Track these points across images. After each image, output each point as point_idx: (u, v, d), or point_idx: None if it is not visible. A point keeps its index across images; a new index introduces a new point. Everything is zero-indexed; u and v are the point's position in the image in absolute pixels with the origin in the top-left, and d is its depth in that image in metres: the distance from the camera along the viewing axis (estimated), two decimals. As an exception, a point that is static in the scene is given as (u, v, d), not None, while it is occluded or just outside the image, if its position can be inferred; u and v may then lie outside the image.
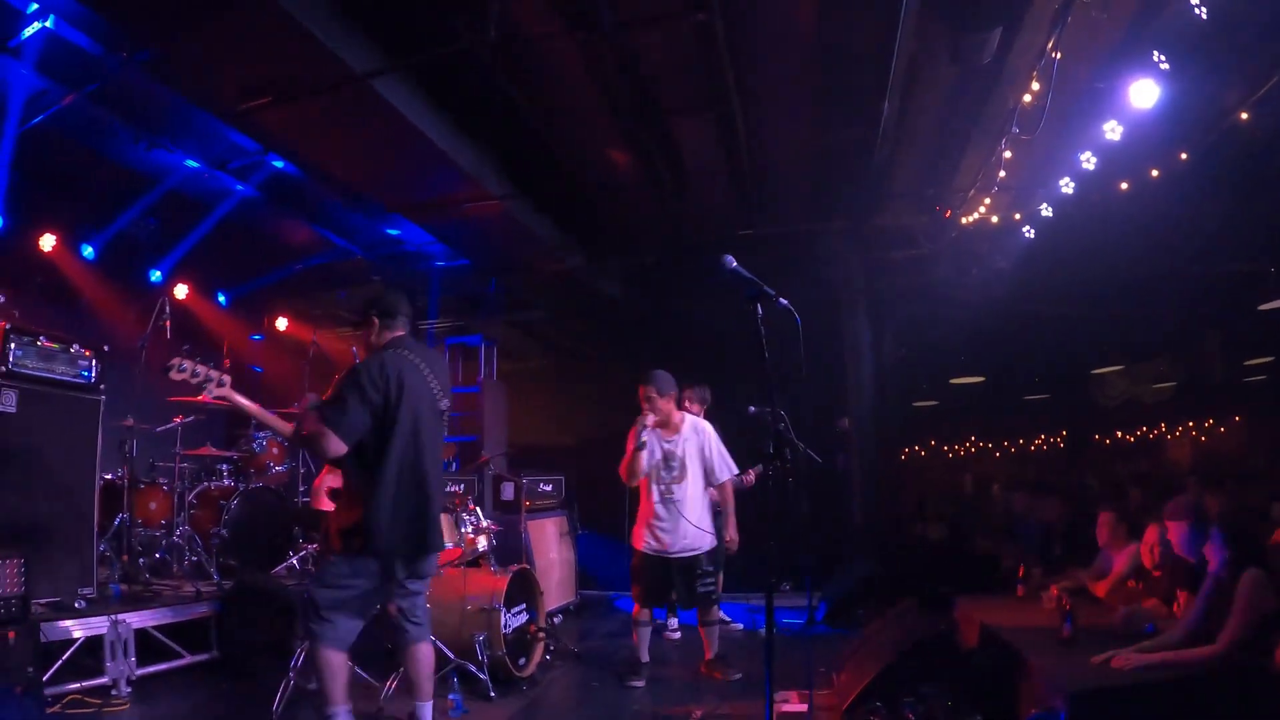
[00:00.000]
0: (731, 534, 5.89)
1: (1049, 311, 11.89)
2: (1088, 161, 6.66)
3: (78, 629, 4.75)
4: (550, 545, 8.28)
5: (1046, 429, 19.01)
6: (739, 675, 5.75)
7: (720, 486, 5.90)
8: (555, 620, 7.75)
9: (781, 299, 3.05)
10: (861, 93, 6.45)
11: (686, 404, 6.51)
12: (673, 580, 5.73)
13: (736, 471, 5.95)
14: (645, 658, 5.88)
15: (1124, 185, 7.67)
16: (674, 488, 5.72)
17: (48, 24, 5.45)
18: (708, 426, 5.92)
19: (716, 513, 6.04)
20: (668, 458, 5.76)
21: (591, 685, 5.80)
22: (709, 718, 4.99)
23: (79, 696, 4.61)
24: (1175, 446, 18.23)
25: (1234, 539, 4.20)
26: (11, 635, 3.67)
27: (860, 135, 7.15)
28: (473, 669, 5.23)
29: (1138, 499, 7.77)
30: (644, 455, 5.65)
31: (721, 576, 6.18)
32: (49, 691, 4.40)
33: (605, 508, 8.44)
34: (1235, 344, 15.33)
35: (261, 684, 4.97)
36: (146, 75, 5.79)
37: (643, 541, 5.78)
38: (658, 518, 5.74)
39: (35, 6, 5.34)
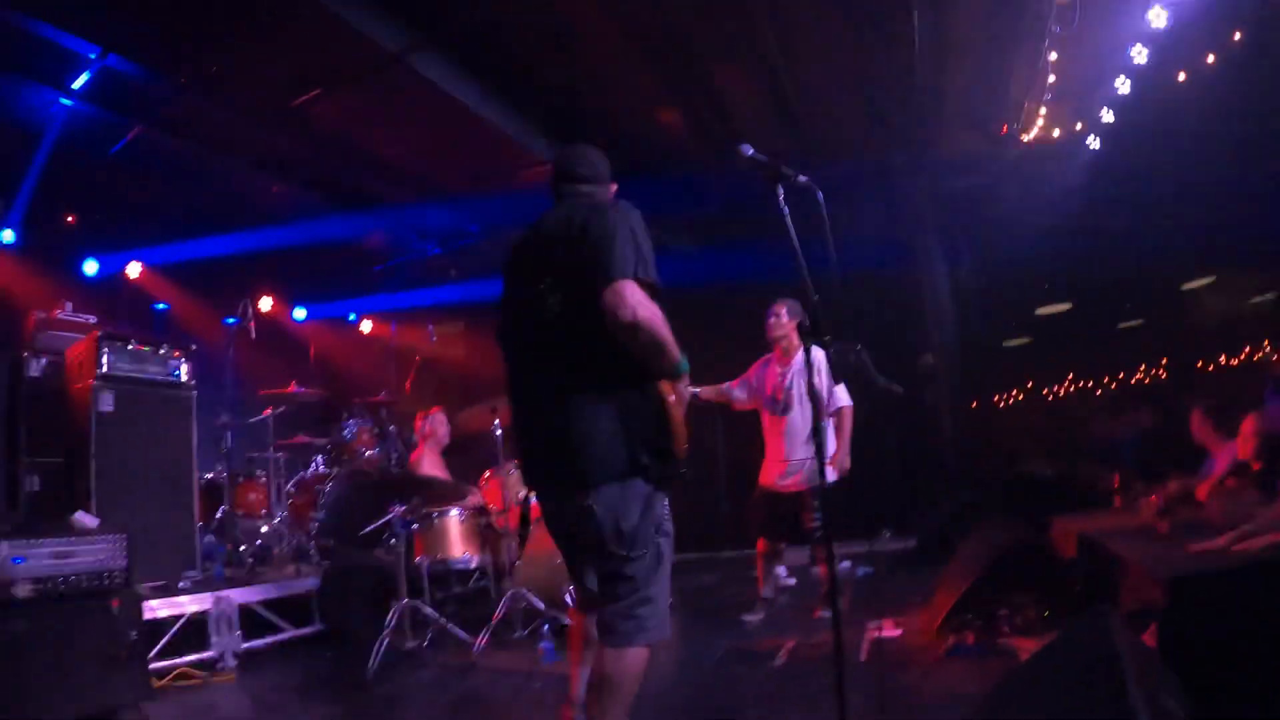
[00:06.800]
0: (840, 460, 5.37)
1: (1127, 225, 11.31)
2: (1139, 55, 6.37)
3: (183, 605, 4.94)
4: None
5: (1147, 358, 17.94)
6: (829, 612, 5.59)
7: (838, 413, 5.48)
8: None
9: (802, 175, 2.92)
10: (891, 8, 6.33)
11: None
12: (782, 515, 5.48)
13: (850, 401, 5.51)
14: (767, 593, 5.70)
15: (1181, 76, 7.27)
16: (781, 420, 5.51)
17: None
18: (821, 356, 5.61)
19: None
20: (777, 389, 5.55)
21: (682, 628, 5.73)
22: (801, 648, 4.95)
23: (186, 670, 4.78)
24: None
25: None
26: (115, 603, 3.84)
27: (899, 55, 6.98)
28: (565, 620, 5.30)
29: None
30: (734, 390, 5.65)
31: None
32: (156, 665, 4.56)
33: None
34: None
35: (360, 650, 5.06)
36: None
37: (762, 475, 5.64)
38: (771, 450, 5.58)
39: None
